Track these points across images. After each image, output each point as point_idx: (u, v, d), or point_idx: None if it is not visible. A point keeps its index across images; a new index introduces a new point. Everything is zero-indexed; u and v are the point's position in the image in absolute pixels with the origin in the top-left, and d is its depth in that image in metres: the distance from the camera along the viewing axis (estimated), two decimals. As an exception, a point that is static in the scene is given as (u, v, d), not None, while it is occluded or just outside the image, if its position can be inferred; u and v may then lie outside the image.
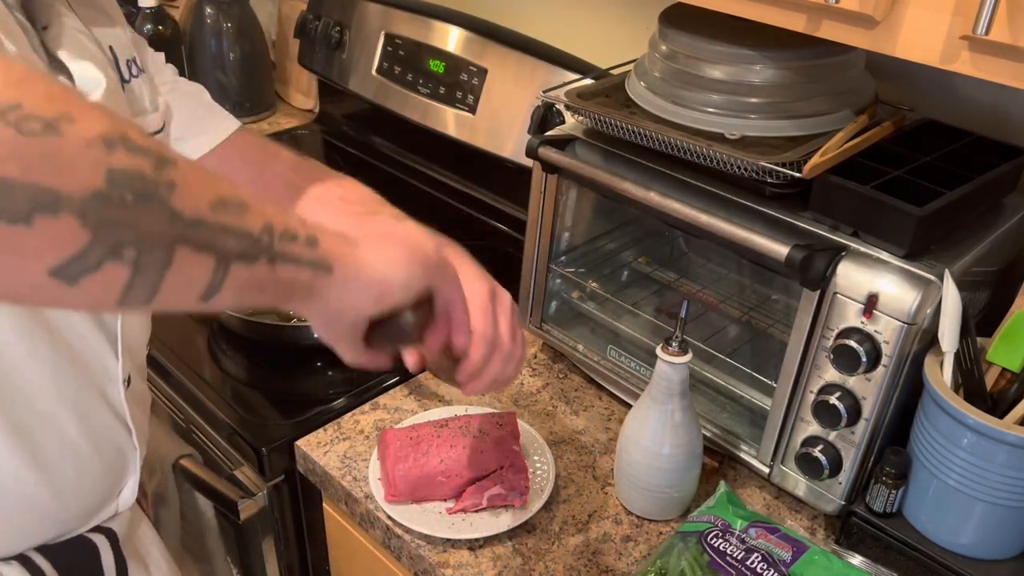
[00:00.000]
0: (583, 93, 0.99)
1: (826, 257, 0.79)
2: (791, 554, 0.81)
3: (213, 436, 1.08)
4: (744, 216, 0.85)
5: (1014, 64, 0.62)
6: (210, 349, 1.17)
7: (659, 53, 0.94)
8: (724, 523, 0.85)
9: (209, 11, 1.68)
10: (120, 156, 0.39)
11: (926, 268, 0.76)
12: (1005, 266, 0.89)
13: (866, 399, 0.80)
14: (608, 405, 1.07)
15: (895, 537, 0.82)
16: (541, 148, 0.99)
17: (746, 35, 0.86)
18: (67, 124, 0.38)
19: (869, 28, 0.69)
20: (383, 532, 0.91)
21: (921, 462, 0.80)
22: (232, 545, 1.15)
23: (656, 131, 0.88)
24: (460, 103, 1.39)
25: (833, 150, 0.82)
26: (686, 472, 0.89)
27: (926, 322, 0.76)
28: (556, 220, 1.06)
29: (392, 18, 1.50)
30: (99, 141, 0.39)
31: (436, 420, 0.94)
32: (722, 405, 1.00)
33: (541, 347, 1.17)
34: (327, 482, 0.97)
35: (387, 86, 1.51)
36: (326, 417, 1.03)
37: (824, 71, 0.88)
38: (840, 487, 0.85)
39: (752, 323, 1.07)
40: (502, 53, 1.33)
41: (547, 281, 1.10)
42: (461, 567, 0.85)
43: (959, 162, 0.84)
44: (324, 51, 1.63)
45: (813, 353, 0.83)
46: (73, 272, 0.39)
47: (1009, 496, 0.75)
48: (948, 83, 0.97)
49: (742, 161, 0.82)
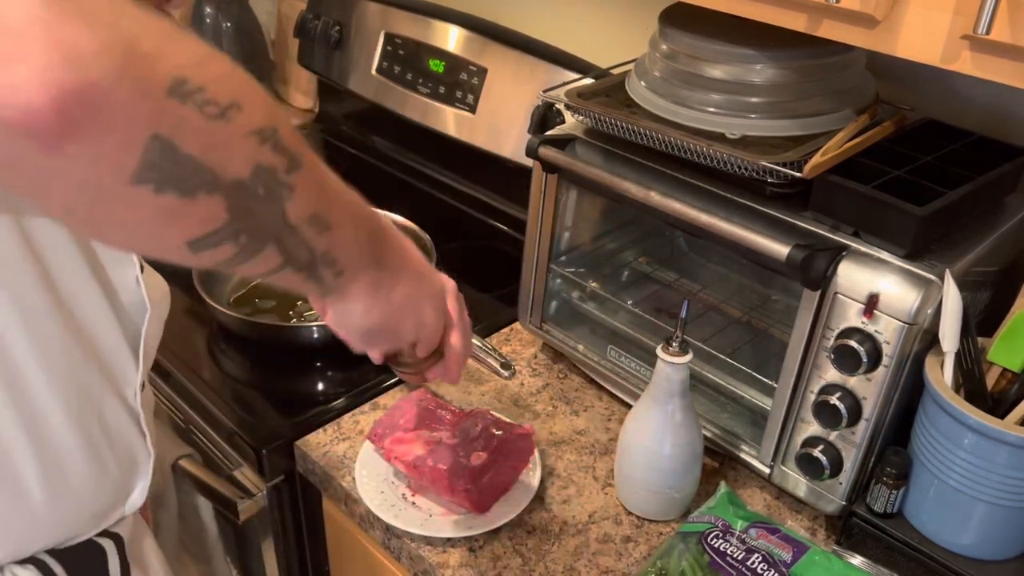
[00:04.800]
0: (583, 93, 0.98)
1: (827, 257, 0.79)
2: (791, 555, 0.81)
3: (213, 436, 1.08)
4: (744, 216, 0.85)
5: (1015, 64, 0.62)
6: (210, 349, 1.17)
7: (659, 53, 0.93)
8: (724, 523, 0.84)
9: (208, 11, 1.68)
10: (267, 152, 0.43)
11: (927, 268, 0.76)
12: (1006, 266, 0.89)
13: (867, 399, 0.80)
14: (608, 405, 1.07)
15: (896, 537, 0.82)
16: (541, 148, 0.99)
17: (746, 35, 0.86)
18: (236, 112, 0.41)
19: (870, 28, 0.69)
20: (383, 532, 0.91)
21: (922, 462, 0.80)
22: (232, 545, 1.15)
23: (656, 131, 0.88)
24: (460, 103, 1.39)
25: (834, 150, 0.81)
26: (686, 472, 0.89)
27: (927, 322, 0.76)
28: (556, 220, 1.06)
29: (392, 18, 1.50)
30: (256, 134, 0.43)
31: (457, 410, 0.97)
32: (722, 405, 1.00)
33: (541, 347, 1.17)
34: (327, 482, 0.97)
35: (387, 86, 1.51)
36: (326, 417, 1.03)
37: (825, 71, 0.88)
38: (841, 487, 0.85)
39: (752, 323, 1.07)
40: (502, 53, 1.33)
41: (547, 281, 1.09)
42: (461, 567, 0.85)
43: (960, 162, 0.84)
44: (324, 51, 1.63)
45: (814, 353, 0.82)
46: (202, 245, 0.43)
47: (1010, 496, 0.75)
48: (949, 83, 0.97)
49: (742, 161, 0.82)
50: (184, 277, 1.21)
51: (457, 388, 1.08)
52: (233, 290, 1.26)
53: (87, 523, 0.74)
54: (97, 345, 0.70)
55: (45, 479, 0.68)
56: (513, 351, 1.16)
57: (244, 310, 1.21)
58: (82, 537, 0.74)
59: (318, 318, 1.21)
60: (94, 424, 0.71)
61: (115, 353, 0.72)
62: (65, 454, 0.69)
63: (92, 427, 0.70)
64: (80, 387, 0.69)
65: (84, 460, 0.70)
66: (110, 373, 0.72)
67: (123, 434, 0.74)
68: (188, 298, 1.22)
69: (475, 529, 0.87)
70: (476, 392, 1.08)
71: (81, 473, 0.70)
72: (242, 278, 1.27)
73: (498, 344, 1.17)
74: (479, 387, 1.09)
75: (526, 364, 1.14)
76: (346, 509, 0.96)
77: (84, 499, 0.72)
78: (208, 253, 0.44)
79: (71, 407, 0.68)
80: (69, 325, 0.67)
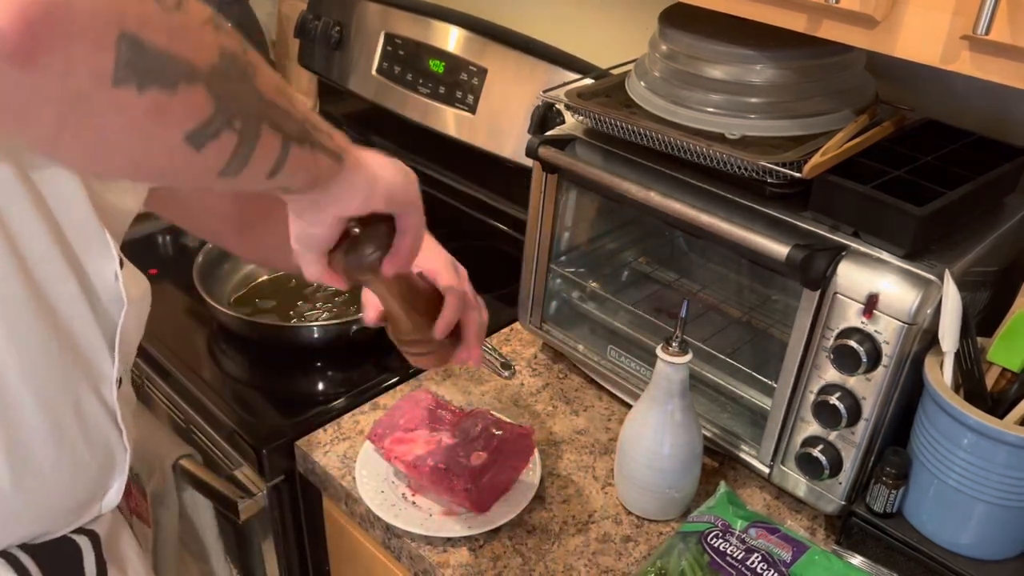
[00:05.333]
0: (583, 93, 0.99)
1: (826, 257, 0.79)
2: (791, 554, 0.81)
3: (213, 436, 1.08)
4: (744, 216, 0.85)
5: (1014, 64, 0.62)
6: (210, 349, 1.17)
7: (659, 53, 0.93)
8: (724, 523, 0.85)
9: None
10: (224, 37, 0.45)
11: (926, 268, 0.76)
12: (1005, 266, 0.89)
13: (866, 399, 0.80)
14: (608, 405, 1.07)
15: (895, 537, 0.82)
16: (541, 148, 0.99)
17: (746, 35, 0.86)
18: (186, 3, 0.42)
19: (869, 28, 0.69)
20: (383, 532, 0.91)
21: (921, 462, 0.80)
22: (232, 545, 1.15)
23: (656, 131, 0.88)
24: (460, 103, 1.39)
25: (833, 150, 0.82)
26: (686, 472, 0.89)
27: (926, 322, 0.76)
28: (556, 220, 1.06)
29: (392, 18, 1.50)
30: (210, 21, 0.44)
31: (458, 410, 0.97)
32: (722, 405, 1.00)
33: (541, 347, 1.17)
34: (327, 482, 0.97)
35: (387, 86, 1.51)
36: (326, 417, 1.03)
37: (824, 71, 0.88)
38: (840, 487, 0.85)
39: (752, 323, 1.07)
40: (502, 53, 1.33)
41: (547, 281, 1.09)
42: (461, 567, 0.85)
43: (959, 162, 0.84)
44: (324, 51, 1.63)
45: (813, 353, 0.82)
46: (201, 138, 0.44)
47: (1009, 496, 0.75)
48: (948, 83, 0.97)
49: (742, 161, 0.82)
50: (184, 277, 1.22)
51: (457, 388, 1.09)
52: (233, 290, 1.26)
53: (61, 518, 0.73)
54: (73, 337, 0.69)
55: (12, 467, 0.67)
56: (513, 351, 1.16)
57: (244, 310, 1.21)
58: (56, 534, 0.73)
59: (318, 318, 1.21)
60: (68, 415, 0.70)
61: (91, 346, 0.71)
62: (35, 443, 0.68)
63: (66, 417, 0.70)
64: (54, 377, 0.68)
65: (55, 449, 0.69)
66: (86, 366, 0.71)
67: (99, 428, 0.73)
68: (188, 298, 1.22)
69: (475, 529, 0.87)
70: (476, 392, 1.08)
71: (52, 463, 0.70)
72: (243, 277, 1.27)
73: (498, 344, 1.17)
74: (479, 387, 1.09)
75: (526, 364, 1.14)
76: (346, 509, 0.96)
77: (56, 492, 0.71)
78: (213, 146, 0.45)
79: (43, 396, 0.68)
80: (44, 314, 0.66)
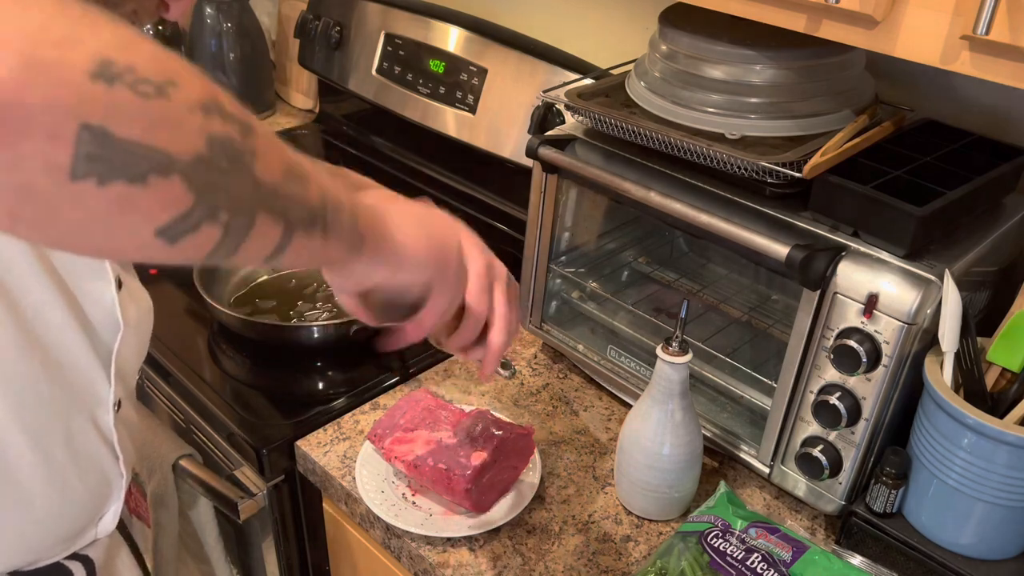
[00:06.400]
0: (583, 93, 0.99)
1: (826, 257, 0.79)
2: (791, 554, 0.81)
3: (213, 436, 1.08)
4: (744, 216, 0.85)
5: (1014, 64, 0.62)
6: (210, 349, 1.17)
7: (659, 53, 0.94)
8: (724, 523, 0.85)
9: (209, 11, 1.68)
10: (216, 122, 0.41)
11: (926, 268, 0.76)
12: (1005, 266, 0.89)
13: (866, 399, 0.80)
14: (608, 405, 1.07)
15: (895, 537, 0.82)
16: (541, 148, 0.99)
17: (746, 35, 0.86)
18: (172, 88, 0.38)
19: (869, 28, 0.69)
20: (383, 532, 0.91)
21: (921, 462, 0.80)
22: (232, 545, 1.15)
23: (656, 131, 0.88)
24: (460, 103, 1.39)
25: (833, 150, 0.82)
26: (686, 472, 0.89)
27: (926, 322, 0.76)
28: (556, 220, 1.06)
29: (392, 18, 1.50)
30: (199, 106, 0.40)
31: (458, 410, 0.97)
32: (722, 405, 1.00)
33: (541, 347, 1.17)
34: (327, 482, 0.97)
35: (387, 86, 1.51)
36: (326, 417, 1.03)
37: (824, 71, 0.88)
38: (840, 487, 0.85)
39: (752, 323, 1.07)
40: (502, 53, 1.33)
41: (547, 281, 1.10)
42: (461, 567, 0.85)
43: (959, 162, 0.84)
44: (324, 51, 1.63)
45: (813, 353, 0.83)
46: (176, 232, 0.40)
47: (1009, 496, 0.75)
48: (948, 83, 0.97)
49: (742, 161, 0.82)
50: (184, 277, 1.22)
51: (457, 388, 1.09)
52: (233, 290, 1.26)
53: (53, 547, 0.71)
54: (63, 364, 0.67)
55: (7, 500, 0.65)
56: (513, 351, 1.16)
57: (244, 310, 1.21)
58: (48, 560, 0.71)
59: (318, 318, 1.21)
60: (58, 447, 0.68)
61: (85, 373, 0.69)
62: (22, 476, 0.66)
63: (55, 450, 0.68)
64: (43, 412, 0.66)
65: (44, 483, 0.67)
66: (80, 394, 0.69)
67: (93, 457, 0.71)
68: (188, 298, 1.22)
69: (475, 529, 0.87)
70: (476, 392, 1.09)
71: (42, 495, 0.67)
72: (243, 277, 1.27)
73: (498, 344, 1.17)
74: (479, 387, 1.09)
75: (526, 364, 1.14)
76: (346, 509, 0.96)
77: (47, 523, 0.69)
78: (190, 240, 0.41)
79: (31, 430, 0.65)
80: (29, 342, 0.64)
